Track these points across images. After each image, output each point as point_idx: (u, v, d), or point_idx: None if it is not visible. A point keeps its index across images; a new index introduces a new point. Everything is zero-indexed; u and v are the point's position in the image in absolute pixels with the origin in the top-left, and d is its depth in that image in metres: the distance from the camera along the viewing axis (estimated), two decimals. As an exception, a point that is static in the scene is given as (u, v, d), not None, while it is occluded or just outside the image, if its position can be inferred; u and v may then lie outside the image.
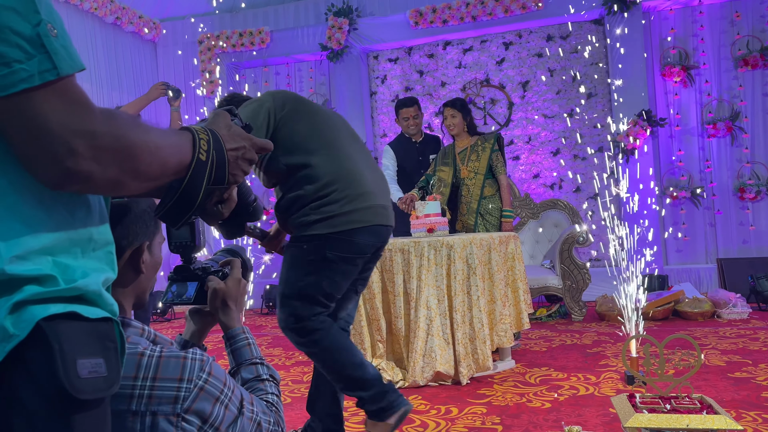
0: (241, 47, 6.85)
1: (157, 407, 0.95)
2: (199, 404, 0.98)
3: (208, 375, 1.00)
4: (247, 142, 0.92)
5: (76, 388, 0.67)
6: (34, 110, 0.63)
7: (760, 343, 3.74)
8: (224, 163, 0.86)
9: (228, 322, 1.25)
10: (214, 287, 1.23)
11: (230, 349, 1.24)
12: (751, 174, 5.77)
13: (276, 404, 1.19)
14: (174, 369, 0.97)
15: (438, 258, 3.30)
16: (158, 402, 0.95)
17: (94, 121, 0.67)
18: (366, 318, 3.49)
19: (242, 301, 1.29)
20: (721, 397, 2.74)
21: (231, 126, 0.91)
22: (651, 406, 1.82)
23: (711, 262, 5.88)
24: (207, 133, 0.85)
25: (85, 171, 0.67)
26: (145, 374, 0.96)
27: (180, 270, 1.25)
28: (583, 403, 2.79)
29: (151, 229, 1.11)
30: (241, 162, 0.91)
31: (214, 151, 0.84)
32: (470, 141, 4.24)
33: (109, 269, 0.79)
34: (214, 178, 0.84)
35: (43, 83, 0.63)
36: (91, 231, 0.76)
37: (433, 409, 2.84)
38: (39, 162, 0.66)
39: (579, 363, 3.52)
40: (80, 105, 0.67)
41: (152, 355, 0.98)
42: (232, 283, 1.26)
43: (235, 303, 1.25)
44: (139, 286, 1.11)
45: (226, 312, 1.24)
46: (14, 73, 0.62)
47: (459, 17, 6.21)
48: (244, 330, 1.27)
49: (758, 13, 5.76)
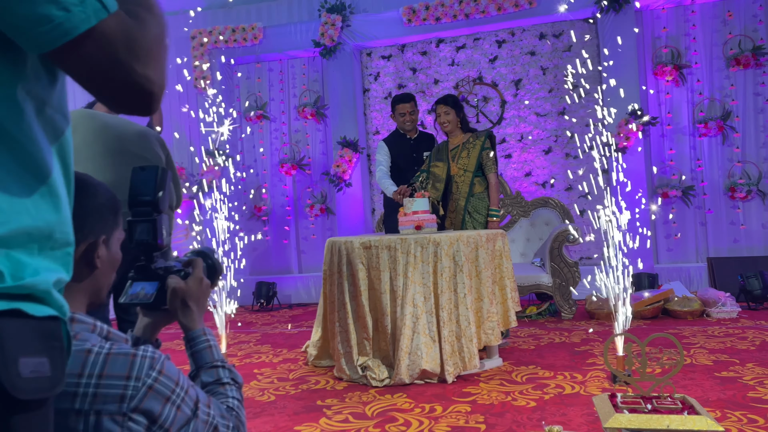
0: (234, 43, 6.81)
1: (101, 406, 0.93)
2: (148, 404, 0.95)
3: (158, 373, 0.97)
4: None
5: (16, 387, 0.65)
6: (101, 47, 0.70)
7: (748, 343, 3.74)
8: None
9: (188, 323, 1.21)
10: (174, 286, 1.19)
11: (190, 351, 1.21)
12: (742, 173, 5.77)
13: (237, 408, 1.15)
14: (121, 366, 0.95)
15: (425, 255, 3.29)
16: (103, 401, 0.93)
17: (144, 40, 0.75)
18: (353, 315, 3.47)
19: (204, 301, 1.24)
20: (707, 397, 2.73)
21: None
22: (632, 406, 1.81)
23: (701, 261, 5.88)
24: None
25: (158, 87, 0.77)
26: (91, 372, 0.93)
27: (140, 269, 1.21)
28: (568, 402, 2.78)
29: (109, 224, 1.08)
30: None
31: None
32: (463, 138, 4.22)
33: (63, 271, 0.76)
34: None
35: (99, 21, 0.69)
36: (52, 228, 0.74)
37: (417, 408, 2.83)
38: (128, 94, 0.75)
39: (566, 361, 3.51)
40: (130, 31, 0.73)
41: (100, 352, 0.95)
42: (194, 282, 1.22)
43: (196, 303, 1.21)
44: (94, 282, 1.08)
45: (186, 313, 1.20)
46: (75, 16, 0.67)
47: (452, 15, 6.19)
48: (205, 332, 1.22)
49: (750, 13, 5.75)
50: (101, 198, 1.06)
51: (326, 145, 6.92)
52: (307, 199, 6.96)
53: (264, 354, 4.19)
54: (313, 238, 6.91)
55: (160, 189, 1.18)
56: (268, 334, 4.91)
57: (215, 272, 1.32)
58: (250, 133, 7.14)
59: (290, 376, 3.55)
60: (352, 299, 3.48)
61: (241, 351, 4.32)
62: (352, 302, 3.48)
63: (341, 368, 3.42)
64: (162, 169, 1.19)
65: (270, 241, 7.05)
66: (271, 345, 4.48)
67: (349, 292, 3.48)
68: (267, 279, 6.58)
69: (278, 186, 7.06)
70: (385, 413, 2.78)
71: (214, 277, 1.32)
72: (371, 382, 3.25)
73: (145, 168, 1.19)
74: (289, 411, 2.89)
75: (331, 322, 3.56)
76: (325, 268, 3.67)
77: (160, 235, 1.17)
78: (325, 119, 6.89)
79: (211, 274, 1.31)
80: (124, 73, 0.72)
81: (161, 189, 1.18)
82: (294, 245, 7.00)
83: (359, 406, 2.92)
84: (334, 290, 3.56)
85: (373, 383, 3.24)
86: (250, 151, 7.13)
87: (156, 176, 1.18)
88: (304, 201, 6.97)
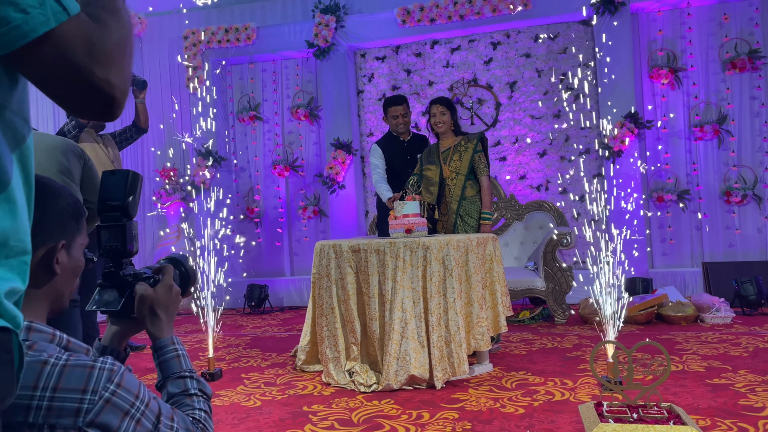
0: (227, 43, 6.77)
1: (56, 420, 0.88)
2: (105, 417, 0.91)
3: (116, 386, 0.93)
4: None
5: None
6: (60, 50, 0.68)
7: (741, 349, 3.70)
8: None
9: (155, 331, 1.17)
10: (141, 293, 1.15)
11: (158, 361, 1.16)
12: (737, 177, 5.73)
13: (203, 420, 1.11)
14: (78, 379, 0.90)
15: (414, 259, 3.24)
16: (58, 414, 0.89)
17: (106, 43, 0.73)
18: (341, 320, 3.43)
19: (173, 309, 1.20)
20: (698, 404, 2.69)
21: None
22: (617, 415, 1.76)
23: (696, 265, 5.84)
24: None
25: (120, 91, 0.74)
26: (46, 384, 0.89)
27: (108, 276, 1.17)
28: (557, 409, 2.74)
29: (70, 229, 1.04)
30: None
31: None
32: (454, 141, 4.18)
33: (18, 280, 0.73)
34: None
35: (58, 24, 0.68)
36: (8, 235, 0.71)
37: (404, 414, 2.78)
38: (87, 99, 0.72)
39: (557, 367, 3.47)
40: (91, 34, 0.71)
41: (56, 363, 0.91)
42: (162, 289, 1.18)
43: (165, 311, 1.17)
44: (54, 288, 1.04)
45: (153, 321, 1.17)
46: (33, 18, 0.66)
47: (447, 16, 6.15)
48: (174, 340, 1.18)
49: (747, 16, 5.72)
50: (62, 202, 1.02)
51: (320, 147, 6.88)
52: (300, 201, 6.91)
53: (252, 358, 4.13)
54: (306, 240, 6.86)
55: (130, 194, 1.14)
56: (258, 338, 4.86)
57: (188, 280, 1.28)
58: (243, 135, 7.10)
59: (278, 381, 3.50)
60: (340, 303, 3.44)
61: (230, 355, 4.27)
62: (340, 306, 3.44)
63: (329, 373, 3.37)
64: (133, 174, 1.15)
65: (262, 243, 7.01)
66: (260, 349, 4.43)
67: (337, 296, 3.44)
68: (259, 281, 6.53)
69: (271, 188, 7.02)
70: (371, 420, 2.73)
71: (187, 285, 1.28)
72: (359, 387, 3.20)
73: (115, 172, 1.16)
74: (275, 417, 2.84)
75: (320, 326, 3.51)
76: (314, 272, 3.62)
77: (129, 241, 1.13)
78: (318, 120, 6.85)
79: (183, 282, 1.27)
80: (83, 77, 0.71)
81: (131, 194, 1.14)
82: (287, 247, 6.95)
83: (346, 412, 2.87)
84: (322, 294, 3.51)
85: (361, 389, 3.19)
86: (243, 152, 7.09)
87: (126, 181, 1.14)
88: (297, 203, 6.93)
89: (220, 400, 3.16)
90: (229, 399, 3.16)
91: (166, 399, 1.13)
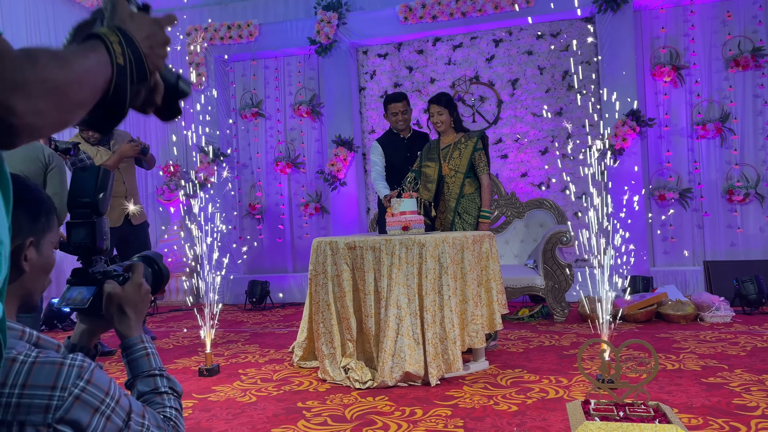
0: (229, 40, 6.78)
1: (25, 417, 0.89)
2: (75, 414, 0.91)
3: (86, 383, 0.93)
4: (154, 24, 0.86)
5: None
6: None
7: (739, 348, 3.68)
8: (141, 58, 0.82)
9: (124, 330, 1.16)
10: (109, 291, 1.15)
11: (127, 360, 1.16)
12: (739, 176, 5.70)
13: (174, 418, 1.11)
14: (47, 376, 0.91)
15: (409, 256, 3.24)
16: (27, 411, 0.89)
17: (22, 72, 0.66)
18: (336, 316, 3.44)
19: (143, 308, 1.19)
20: (691, 403, 2.68)
21: (133, 15, 0.86)
22: (604, 414, 1.76)
23: (698, 264, 5.82)
24: (116, 34, 0.80)
25: (29, 124, 0.65)
26: (15, 381, 0.89)
27: (77, 273, 1.17)
28: (550, 407, 2.74)
29: (39, 226, 1.04)
30: (157, 48, 0.86)
31: (128, 49, 0.80)
32: (455, 138, 4.16)
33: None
34: (137, 76, 0.81)
35: None
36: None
37: (397, 411, 2.79)
38: None
39: (553, 365, 3.46)
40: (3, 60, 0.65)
41: (25, 360, 0.91)
42: (131, 288, 1.17)
43: (133, 310, 1.17)
44: (23, 286, 1.04)
45: (121, 319, 1.16)
46: None
47: (449, 13, 6.14)
48: (143, 339, 1.18)
49: (750, 14, 5.69)
50: (32, 199, 1.03)
51: (321, 144, 6.89)
52: (302, 197, 6.93)
53: (251, 354, 4.15)
54: (307, 237, 6.88)
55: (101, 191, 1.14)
56: (257, 334, 4.88)
57: (161, 278, 1.28)
58: (245, 131, 7.11)
59: (274, 377, 3.52)
60: (336, 300, 3.44)
61: (228, 350, 4.28)
62: (336, 303, 3.44)
63: (325, 370, 3.39)
64: (104, 171, 1.15)
65: (264, 239, 7.03)
66: (259, 345, 4.44)
67: (333, 293, 3.45)
68: (260, 278, 6.55)
69: (273, 184, 7.04)
70: (364, 416, 2.74)
71: (159, 284, 1.27)
72: (354, 384, 3.21)
73: (86, 168, 1.16)
74: (269, 413, 2.85)
75: (316, 323, 3.53)
76: (311, 269, 3.63)
77: (99, 238, 1.13)
78: (320, 117, 6.86)
79: (156, 280, 1.26)
80: None
81: (102, 191, 1.14)
82: (288, 244, 6.97)
83: (340, 408, 2.88)
84: (319, 291, 3.52)
85: (356, 385, 3.20)
86: (245, 149, 7.10)
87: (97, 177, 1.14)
88: (299, 200, 6.94)
89: (216, 395, 3.18)
90: (225, 394, 3.18)
91: (136, 397, 1.13)
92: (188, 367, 3.86)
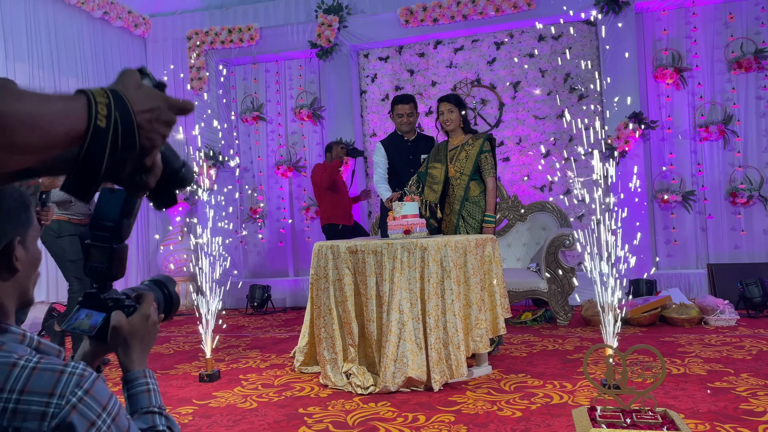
0: (230, 44, 6.77)
1: (21, 423, 0.86)
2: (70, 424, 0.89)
3: (84, 393, 0.90)
4: (162, 102, 0.82)
5: None
6: None
7: (744, 352, 3.65)
8: (132, 128, 0.77)
9: (126, 363, 1.12)
10: (115, 324, 1.11)
11: (127, 394, 1.12)
12: (743, 178, 5.67)
13: None
14: (46, 382, 0.88)
15: (411, 260, 3.22)
16: (23, 417, 0.86)
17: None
18: (338, 321, 3.41)
19: (149, 340, 1.16)
20: (698, 408, 2.65)
21: (141, 85, 0.82)
22: (611, 420, 1.73)
23: (701, 267, 5.79)
24: (107, 96, 0.75)
25: None
26: (13, 386, 0.87)
27: (89, 297, 1.13)
28: (554, 412, 2.70)
29: (22, 223, 1.01)
30: (157, 125, 0.81)
31: (117, 114, 0.75)
32: (463, 139, 4.13)
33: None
34: (122, 144, 0.76)
35: None
36: None
37: (400, 417, 2.76)
38: None
39: (557, 370, 3.43)
40: None
41: (26, 366, 0.89)
42: (139, 320, 1.13)
43: (139, 342, 1.13)
44: (17, 285, 1.03)
45: (126, 352, 1.12)
46: None
47: (450, 16, 6.13)
48: (146, 374, 1.14)
49: (752, 15, 5.66)
50: (9, 198, 1.00)
51: (322, 147, 6.86)
52: (303, 201, 6.90)
53: (252, 359, 4.12)
54: (309, 240, 6.85)
55: (125, 216, 1.10)
56: (258, 339, 4.85)
57: (171, 304, 1.24)
58: (246, 135, 7.09)
59: (275, 382, 3.49)
60: (338, 304, 3.42)
61: (229, 356, 4.26)
62: (338, 308, 3.42)
63: (326, 375, 3.35)
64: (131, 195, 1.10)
65: (265, 243, 7.00)
66: (260, 350, 4.41)
67: (335, 297, 3.42)
68: (261, 282, 6.52)
69: (274, 188, 7.02)
70: (366, 422, 2.71)
71: (170, 310, 1.24)
72: (356, 389, 3.18)
73: (114, 191, 1.11)
74: (269, 419, 2.82)
75: (317, 327, 3.50)
76: (312, 273, 3.61)
77: (116, 266, 1.09)
78: (321, 121, 6.84)
79: (167, 306, 1.23)
80: None
81: (127, 216, 1.10)
82: (289, 248, 6.94)
83: (341, 414, 2.85)
84: (320, 295, 3.49)
85: (358, 391, 3.17)
86: (246, 152, 7.09)
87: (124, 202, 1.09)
88: (300, 203, 6.92)
89: (216, 401, 3.15)
90: (226, 400, 3.15)
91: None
92: (189, 372, 3.83)
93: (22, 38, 5.66)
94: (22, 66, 5.60)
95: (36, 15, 5.84)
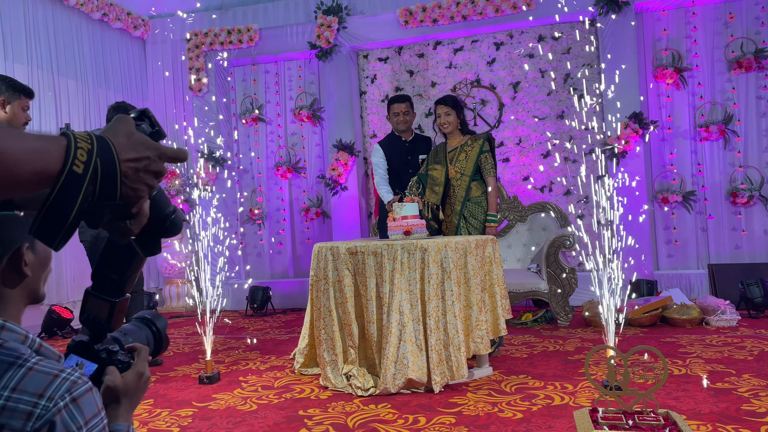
0: (230, 45, 6.76)
1: (7, 420, 0.85)
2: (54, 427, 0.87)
3: (71, 400, 0.87)
4: (152, 151, 0.79)
5: None
6: None
7: (746, 352, 3.63)
8: (115, 176, 0.74)
9: (113, 417, 1.10)
10: (108, 385, 1.08)
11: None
12: (743, 178, 5.66)
13: None
14: (38, 383, 0.87)
15: (411, 261, 3.20)
16: (10, 415, 0.85)
17: None
18: (338, 323, 3.40)
19: (140, 395, 1.14)
20: (699, 409, 2.64)
21: (133, 133, 0.79)
22: (612, 422, 1.72)
23: (702, 267, 5.78)
24: (90, 141, 0.73)
25: None
26: (7, 384, 0.86)
27: (82, 346, 1.10)
28: (555, 414, 2.69)
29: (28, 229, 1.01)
30: (144, 175, 0.78)
31: (98, 161, 0.73)
32: (461, 140, 4.13)
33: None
34: (100, 193, 0.73)
35: None
36: None
37: (400, 419, 2.74)
38: None
39: (558, 371, 3.42)
40: None
41: (23, 365, 0.88)
42: (133, 377, 1.11)
43: (129, 399, 1.11)
44: (27, 288, 1.03)
45: (114, 407, 1.10)
46: None
47: (449, 16, 6.12)
48: (129, 429, 1.11)
49: (752, 15, 5.65)
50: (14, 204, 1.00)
51: (322, 148, 6.85)
52: (303, 202, 6.89)
53: (252, 361, 4.11)
54: (309, 242, 6.84)
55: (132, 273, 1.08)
56: (259, 340, 4.83)
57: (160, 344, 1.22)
58: (246, 136, 7.08)
59: (275, 384, 3.47)
60: (338, 306, 3.40)
61: (229, 357, 4.24)
62: (338, 309, 3.40)
63: (327, 377, 3.34)
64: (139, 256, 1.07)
65: (265, 245, 6.99)
66: (260, 351, 4.40)
67: (334, 299, 3.41)
68: (262, 283, 6.51)
69: (274, 189, 7.00)
70: (366, 424, 2.70)
71: (159, 350, 1.22)
72: (356, 391, 3.17)
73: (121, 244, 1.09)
74: (269, 421, 2.81)
75: (317, 329, 3.48)
76: (312, 274, 3.59)
77: (115, 321, 1.07)
78: (321, 122, 6.83)
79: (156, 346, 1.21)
80: None
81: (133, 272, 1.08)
82: (289, 249, 6.93)
83: (342, 416, 2.84)
84: (320, 296, 3.48)
85: (359, 392, 3.16)
86: (246, 154, 7.08)
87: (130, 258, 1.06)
88: (300, 205, 6.91)
89: (216, 403, 3.14)
90: (226, 402, 3.14)
91: None
92: (188, 374, 3.82)
93: (21, 40, 5.65)
94: (21, 67, 5.59)
95: (35, 16, 5.83)
